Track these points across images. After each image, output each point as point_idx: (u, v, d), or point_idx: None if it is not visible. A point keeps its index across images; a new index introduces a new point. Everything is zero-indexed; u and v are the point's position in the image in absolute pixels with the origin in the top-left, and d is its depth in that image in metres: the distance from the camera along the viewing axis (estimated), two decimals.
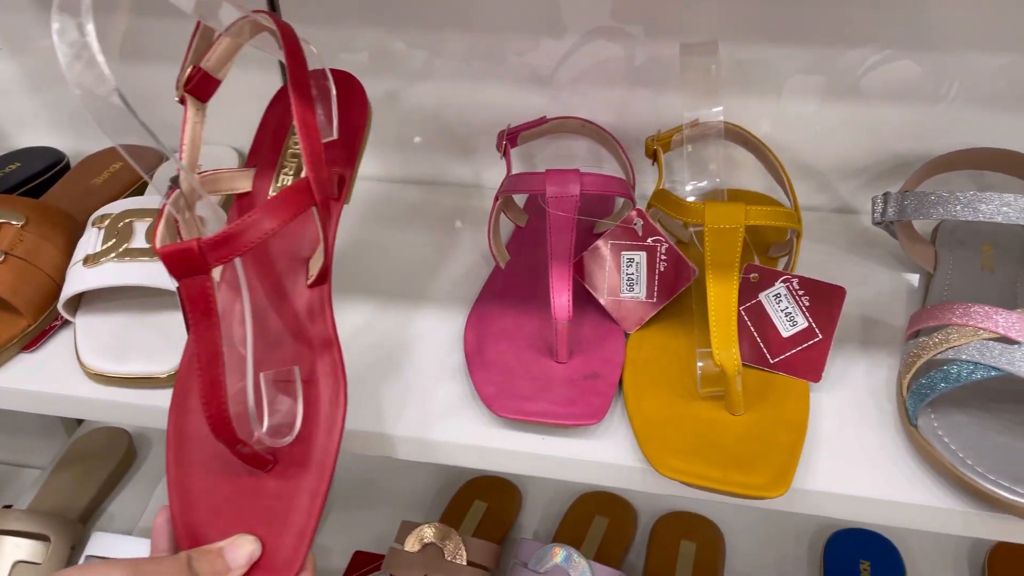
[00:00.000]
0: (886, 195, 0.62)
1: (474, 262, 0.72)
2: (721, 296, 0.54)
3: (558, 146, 0.81)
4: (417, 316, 0.66)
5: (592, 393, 0.55)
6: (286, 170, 0.64)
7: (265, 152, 0.63)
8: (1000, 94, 0.68)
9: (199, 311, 0.44)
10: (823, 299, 0.56)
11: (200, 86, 0.53)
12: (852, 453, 0.52)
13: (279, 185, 0.62)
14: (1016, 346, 0.50)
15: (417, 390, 0.58)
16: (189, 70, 0.53)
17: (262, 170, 0.62)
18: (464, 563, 0.80)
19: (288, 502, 0.48)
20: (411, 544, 0.81)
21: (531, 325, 0.61)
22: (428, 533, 0.81)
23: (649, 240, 0.61)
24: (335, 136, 0.55)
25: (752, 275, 0.58)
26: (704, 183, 0.71)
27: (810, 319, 0.56)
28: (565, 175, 0.61)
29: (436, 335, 0.63)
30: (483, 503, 0.94)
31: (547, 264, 0.59)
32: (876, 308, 0.63)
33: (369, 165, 0.84)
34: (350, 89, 0.63)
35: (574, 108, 0.76)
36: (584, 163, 0.82)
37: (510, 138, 0.71)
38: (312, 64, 0.53)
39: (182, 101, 0.54)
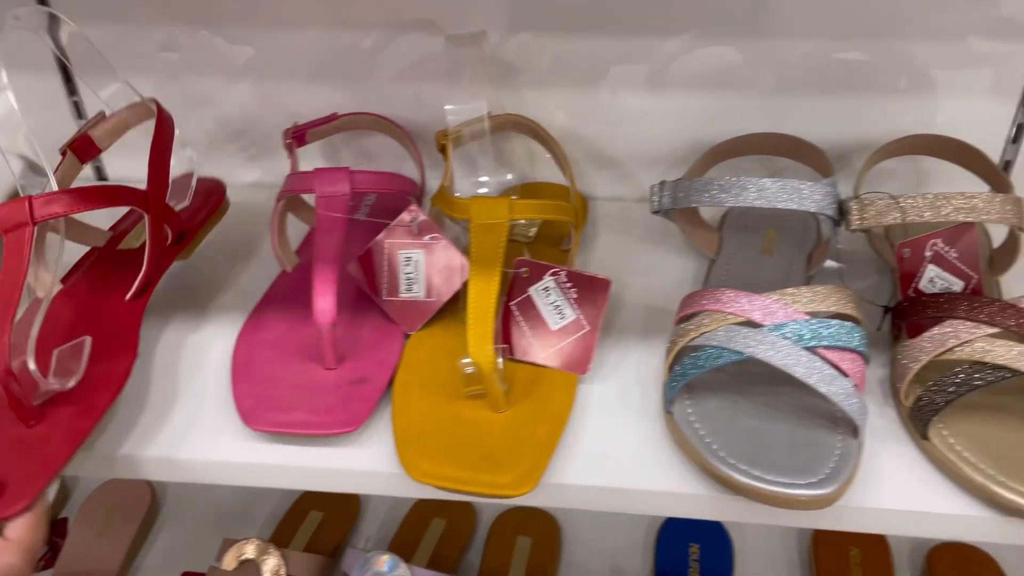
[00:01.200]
0: (662, 184, 0.63)
1: (270, 267, 0.69)
2: (480, 293, 0.53)
3: (381, 143, 0.79)
4: (202, 327, 0.63)
5: (356, 399, 0.53)
6: None
7: None
8: (806, 80, 0.69)
9: (13, 260, 0.50)
10: (589, 291, 0.56)
11: (82, 148, 0.63)
12: (612, 444, 0.52)
13: None
14: (759, 329, 0.51)
15: (185, 406, 0.56)
16: (78, 136, 0.63)
17: None
18: None
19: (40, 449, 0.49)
20: (228, 562, 0.78)
21: (307, 331, 0.59)
22: (248, 550, 0.78)
23: (427, 238, 0.60)
24: (187, 202, 0.63)
25: (523, 269, 0.57)
26: (501, 177, 0.71)
27: (578, 311, 0.56)
28: (333, 173, 0.59)
29: (216, 346, 0.61)
30: (319, 514, 0.91)
31: None
32: (661, 296, 0.63)
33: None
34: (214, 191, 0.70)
35: (373, 104, 0.75)
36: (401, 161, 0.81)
37: (297, 136, 0.69)
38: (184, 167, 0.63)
39: (63, 154, 0.62)
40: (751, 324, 0.51)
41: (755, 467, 0.47)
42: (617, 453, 0.51)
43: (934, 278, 0.57)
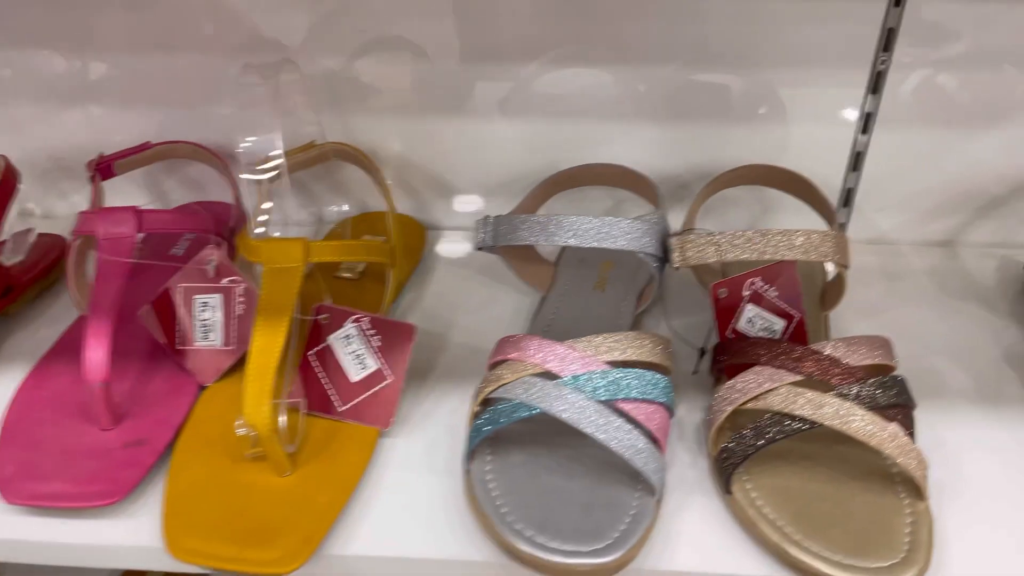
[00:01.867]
0: (486, 219, 0.60)
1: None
2: (263, 346, 0.49)
3: (209, 172, 0.74)
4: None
5: (127, 464, 0.49)
6: None
7: None
8: (666, 106, 0.67)
9: None
10: (394, 338, 0.53)
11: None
12: (408, 506, 0.48)
13: None
14: (555, 381, 0.48)
15: None
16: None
17: None
18: None
19: None
20: None
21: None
22: None
23: (225, 281, 0.56)
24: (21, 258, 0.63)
25: (323, 316, 0.54)
26: (336, 207, 0.67)
27: (381, 360, 0.53)
28: (117, 214, 0.54)
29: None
30: None
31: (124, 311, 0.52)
32: (488, 337, 0.58)
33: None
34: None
35: (202, 131, 0.70)
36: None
37: (101, 168, 0.64)
38: None
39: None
40: (551, 375, 0.49)
41: (541, 533, 0.44)
42: (411, 517, 0.48)
43: (753, 318, 0.55)
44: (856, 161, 0.68)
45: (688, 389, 0.57)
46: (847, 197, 0.70)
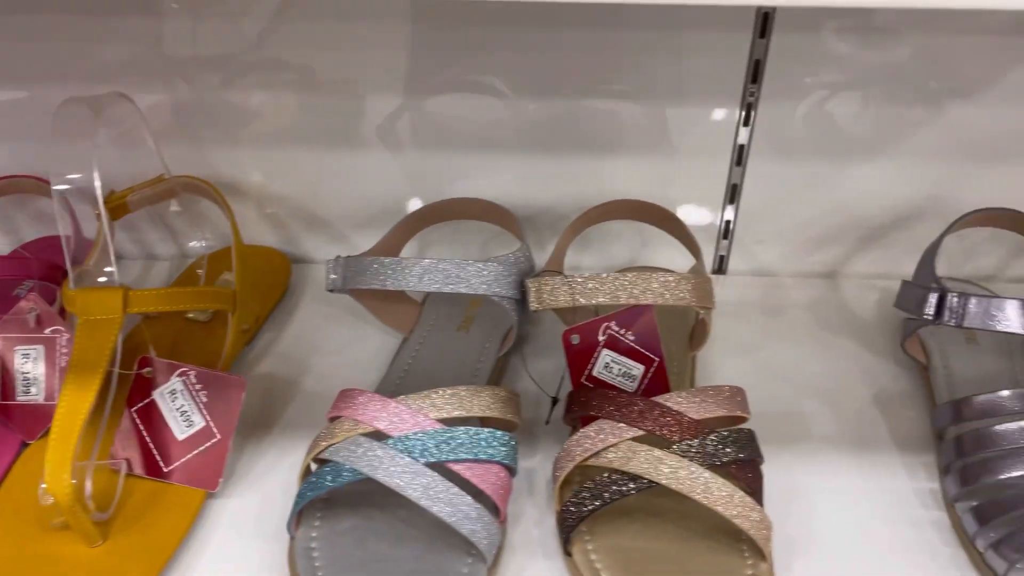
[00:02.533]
0: (336, 259, 0.57)
1: None
2: (70, 406, 0.45)
3: None
4: None
5: None
6: None
7: None
8: (546, 137, 0.65)
9: None
10: (223, 392, 0.49)
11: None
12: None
13: None
14: (383, 443, 0.45)
15: None
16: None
17: None
18: None
19: None
20: None
21: None
22: None
23: (47, 331, 0.52)
24: None
25: (146, 369, 0.50)
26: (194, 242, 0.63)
27: (208, 418, 0.49)
28: None
29: None
30: None
31: None
32: (342, 382, 0.53)
33: None
34: None
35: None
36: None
37: None
38: None
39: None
40: (381, 434, 0.46)
41: None
42: None
43: (610, 363, 0.53)
44: (733, 193, 0.67)
45: (546, 439, 0.55)
46: (726, 229, 0.68)
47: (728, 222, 0.68)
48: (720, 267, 0.70)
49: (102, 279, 0.49)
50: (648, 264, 0.70)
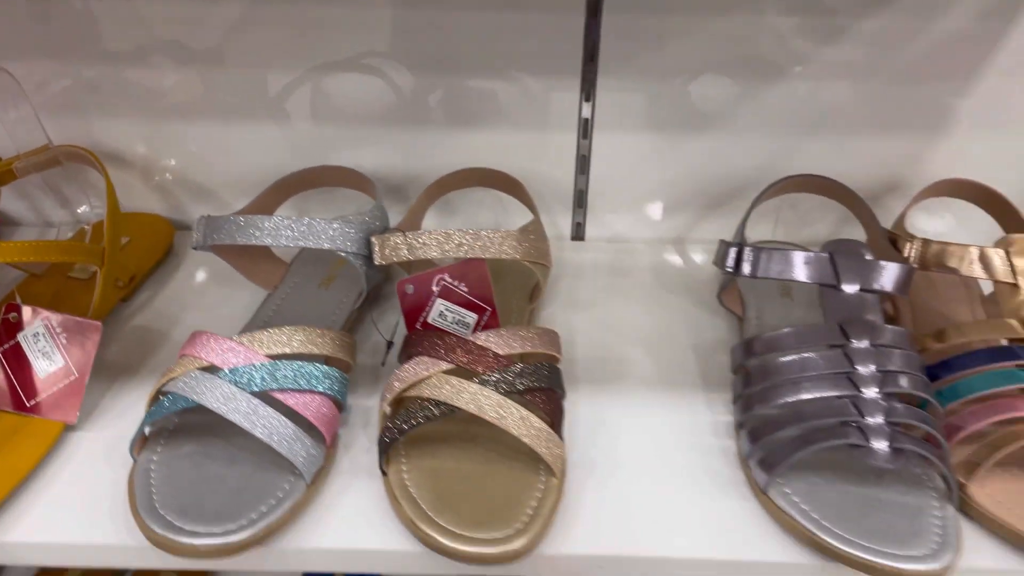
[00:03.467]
0: (200, 219, 0.62)
1: None
2: None
3: None
4: None
5: None
6: None
7: None
8: (416, 111, 0.70)
9: None
10: (79, 336, 0.54)
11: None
12: (78, 497, 0.50)
13: None
14: (214, 375, 0.50)
15: None
16: None
17: None
18: None
19: None
20: None
21: None
22: None
23: None
24: None
25: (11, 315, 0.55)
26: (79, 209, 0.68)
27: (67, 357, 0.54)
28: None
29: None
30: None
31: None
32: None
33: None
34: None
35: None
36: None
37: None
38: None
39: None
40: (215, 368, 0.51)
41: (182, 517, 0.46)
42: (78, 507, 0.50)
43: (444, 312, 0.59)
44: (582, 165, 0.72)
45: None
46: (580, 199, 0.74)
47: (581, 192, 0.74)
48: (577, 234, 0.76)
49: None
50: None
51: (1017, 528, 0.48)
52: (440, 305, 0.59)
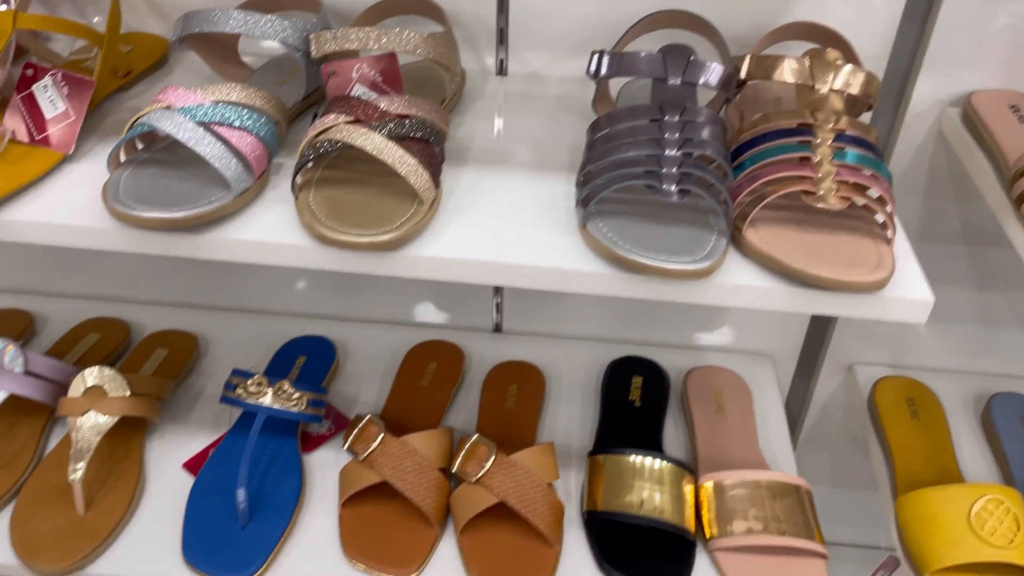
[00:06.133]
0: (184, 15, 0.76)
1: None
2: None
3: None
4: None
5: None
6: None
7: None
8: None
9: None
10: (78, 89, 0.71)
11: None
12: (63, 200, 0.66)
13: None
14: (171, 110, 0.66)
15: None
16: None
17: None
18: (127, 394, 0.87)
19: None
20: (75, 389, 0.86)
21: None
22: (89, 378, 0.86)
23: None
24: None
25: (28, 71, 0.71)
26: None
27: (68, 105, 0.71)
28: None
29: None
30: (163, 350, 1.03)
31: None
32: None
33: None
34: None
35: None
36: None
37: None
38: None
39: None
40: (172, 107, 0.67)
41: (139, 204, 0.62)
42: (69, 205, 0.66)
43: (360, 94, 0.74)
44: (501, 3, 0.85)
45: None
46: (500, 36, 0.87)
47: (502, 29, 0.87)
48: (501, 69, 0.90)
49: (3, 7, 0.71)
50: None
51: (779, 259, 0.62)
52: (358, 89, 0.74)
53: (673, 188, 0.62)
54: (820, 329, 1.03)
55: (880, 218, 0.64)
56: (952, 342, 1.07)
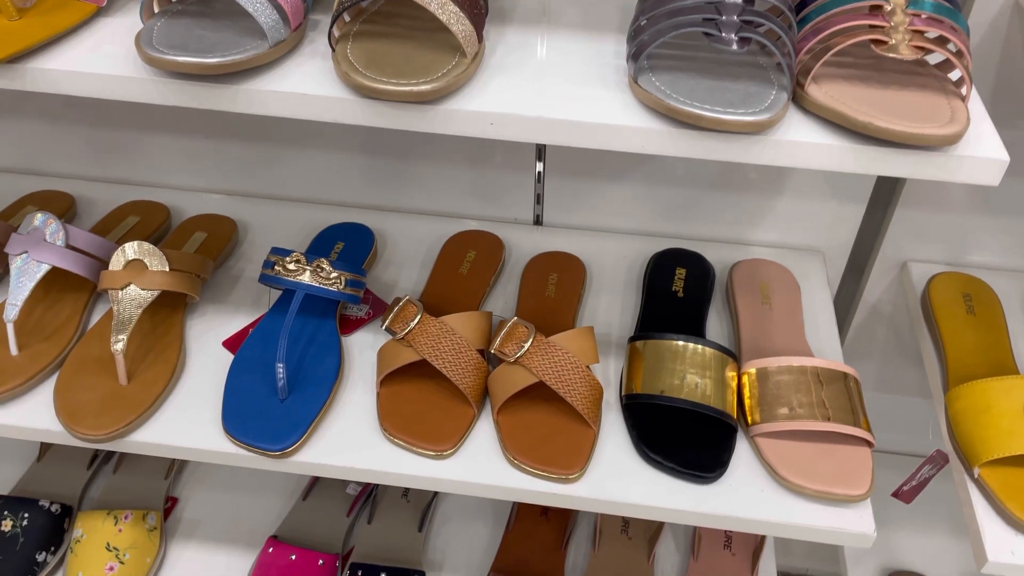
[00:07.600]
0: None
1: None
2: None
3: None
4: None
5: None
6: None
7: None
8: None
9: None
10: None
11: None
12: (97, 48, 0.65)
13: None
14: None
15: None
16: None
17: None
18: (166, 269, 0.87)
19: None
20: (115, 263, 0.87)
21: None
22: (130, 252, 0.87)
23: None
24: None
25: None
26: None
27: None
28: None
29: None
30: (203, 233, 1.03)
31: None
32: None
33: None
34: None
35: None
36: None
37: None
38: None
39: None
40: None
41: (173, 50, 0.60)
42: (105, 54, 0.64)
43: None
44: None
45: None
46: None
47: None
48: None
49: None
50: None
51: (844, 112, 0.58)
52: None
53: (734, 36, 0.58)
54: (874, 225, 0.99)
55: (957, 73, 0.60)
56: (1011, 239, 1.02)
